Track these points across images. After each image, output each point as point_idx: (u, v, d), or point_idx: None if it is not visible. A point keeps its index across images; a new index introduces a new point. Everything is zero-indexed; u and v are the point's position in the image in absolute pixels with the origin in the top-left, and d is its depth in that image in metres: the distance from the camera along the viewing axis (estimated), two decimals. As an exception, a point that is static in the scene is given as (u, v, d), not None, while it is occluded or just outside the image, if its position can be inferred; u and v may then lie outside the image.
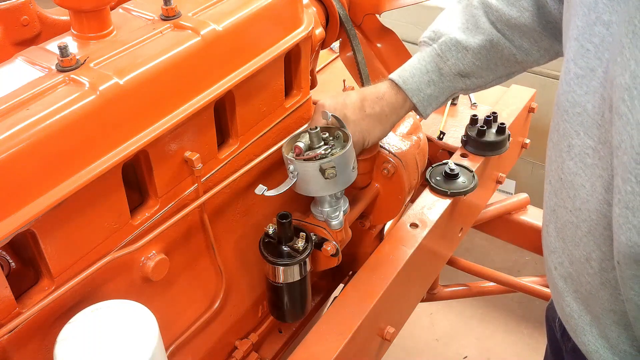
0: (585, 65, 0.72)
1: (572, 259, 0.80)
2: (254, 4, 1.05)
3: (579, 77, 0.73)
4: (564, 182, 0.78)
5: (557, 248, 0.84)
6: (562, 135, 0.77)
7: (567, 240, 0.80)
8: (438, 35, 1.10)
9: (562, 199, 0.79)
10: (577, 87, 0.73)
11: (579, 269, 0.80)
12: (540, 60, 1.11)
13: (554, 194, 0.82)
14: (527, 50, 1.09)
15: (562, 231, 0.81)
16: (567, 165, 0.77)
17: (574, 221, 0.78)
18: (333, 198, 1.12)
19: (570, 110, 0.75)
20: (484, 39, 1.08)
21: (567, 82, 0.75)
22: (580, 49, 0.72)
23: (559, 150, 0.79)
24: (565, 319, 0.88)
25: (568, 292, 0.84)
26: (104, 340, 0.79)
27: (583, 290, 0.81)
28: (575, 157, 0.75)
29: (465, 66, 1.09)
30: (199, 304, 1.15)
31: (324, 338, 1.09)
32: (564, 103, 0.76)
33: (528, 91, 1.86)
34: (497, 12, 1.06)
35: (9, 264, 0.88)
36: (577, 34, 0.73)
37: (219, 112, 1.07)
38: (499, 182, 1.74)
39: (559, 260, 0.84)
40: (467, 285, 2.00)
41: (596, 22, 0.70)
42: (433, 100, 1.12)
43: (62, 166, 0.80)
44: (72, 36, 0.95)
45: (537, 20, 1.04)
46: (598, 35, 0.70)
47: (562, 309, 0.87)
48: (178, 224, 1.01)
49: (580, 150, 0.74)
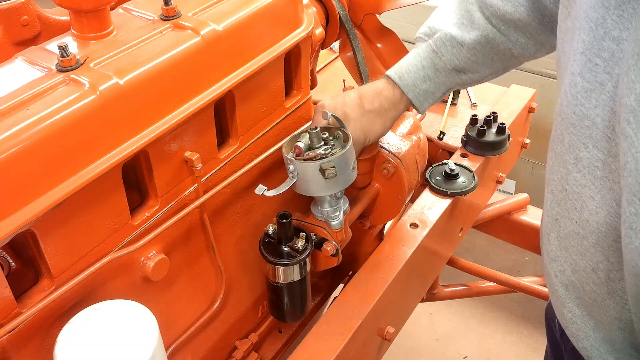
0: (593, 79, 0.71)
1: (576, 267, 0.80)
2: (254, 4, 1.05)
3: (587, 91, 0.72)
4: (569, 193, 0.78)
5: (558, 256, 0.83)
6: (568, 147, 0.76)
7: (571, 249, 0.80)
8: (433, 31, 1.11)
9: (567, 209, 0.79)
10: (586, 100, 0.72)
11: (582, 278, 0.80)
12: (536, 54, 1.11)
13: (557, 203, 0.81)
14: (523, 44, 1.09)
15: (566, 240, 0.81)
16: (573, 177, 0.76)
17: (580, 232, 0.77)
18: (333, 198, 1.12)
19: (577, 123, 0.74)
20: (479, 34, 1.08)
21: (573, 95, 0.74)
22: (588, 63, 0.72)
23: (563, 161, 0.78)
24: (565, 324, 0.88)
25: (570, 299, 0.84)
26: (104, 340, 0.79)
27: (587, 298, 0.81)
28: (584, 169, 0.74)
29: (461, 61, 1.09)
30: (199, 304, 1.15)
31: (324, 338, 1.09)
32: (571, 116, 0.75)
33: (528, 91, 1.85)
34: (492, 8, 1.06)
35: (9, 264, 0.88)
36: (583, 48, 0.72)
37: (219, 112, 1.07)
38: (499, 182, 1.74)
39: (561, 269, 0.83)
40: (467, 285, 2.00)
41: (605, 37, 0.69)
42: (429, 95, 1.12)
43: (62, 166, 0.80)
44: (72, 36, 0.95)
45: (532, 15, 1.03)
46: (607, 50, 0.69)
47: (563, 315, 0.87)
48: (178, 224, 1.01)
49: (589, 163, 0.74)
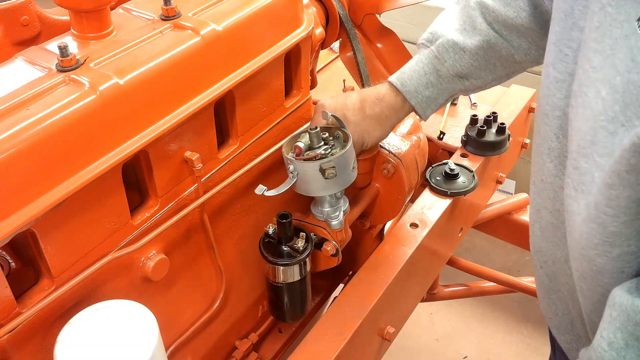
0: (564, 69, 0.73)
1: (554, 259, 0.82)
2: (254, 4, 1.05)
3: (558, 82, 0.74)
4: (545, 184, 0.80)
5: (542, 247, 0.85)
6: (543, 137, 0.79)
7: (549, 240, 0.82)
8: (435, 37, 1.11)
9: (544, 199, 0.81)
10: (557, 91, 0.74)
11: (559, 269, 0.81)
12: (539, 59, 1.11)
13: (538, 194, 0.83)
14: (526, 49, 1.09)
15: (546, 231, 0.83)
16: (547, 168, 0.78)
17: (554, 222, 0.79)
18: (333, 198, 1.12)
19: (550, 113, 0.76)
20: (481, 40, 1.07)
21: (547, 86, 0.76)
22: (559, 53, 0.74)
23: (540, 152, 0.80)
24: (549, 316, 0.89)
25: (553, 290, 0.85)
26: (104, 340, 0.79)
27: (563, 289, 0.82)
28: (555, 159, 0.76)
29: (463, 67, 1.09)
30: (199, 304, 1.15)
31: (324, 338, 1.09)
32: (545, 106, 0.77)
33: (528, 91, 1.85)
34: (494, 13, 1.06)
35: (9, 264, 0.88)
36: (555, 39, 0.74)
37: (219, 112, 1.07)
38: (499, 182, 1.74)
39: (544, 259, 0.85)
40: (467, 285, 2.00)
41: (573, 28, 0.71)
42: (432, 102, 1.12)
43: (62, 166, 0.80)
44: (72, 36, 0.95)
45: (534, 20, 1.04)
46: (575, 40, 0.71)
47: (548, 307, 0.89)
48: (178, 224, 1.01)
49: (559, 153, 0.75)
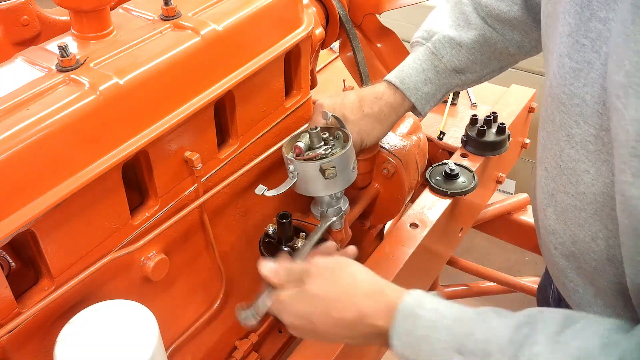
0: (581, 59, 0.74)
1: (575, 239, 0.83)
2: (254, 4, 1.05)
3: (575, 71, 0.75)
4: (564, 169, 0.81)
5: (557, 230, 0.86)
6: (560, 125, 0.80)
7: (569, 222, 0.83)
8: (431, 34, 1.12)
9: (562, 184, 0.82)
10: (575, 80, 0.76)
11: (582, 248, 0.83)
12: (532, 52, 1.13)
13: (552, 179, 0.85)
14: (519, 43, 1.11)
15: (564, 214, 0.84)
16: (566, 154, 0.80)
17: (577, 205, 0.81)
18: (333, 198, 1.12)
19: (567, 102, 0.77)
20: (477, 34, 1.10)
21: (562, 75, 0.77)
22: (576, 44, 0.75)
23: (555, 139, 0.82)
24: (567, 294, 0.91)
25: (571, 269, 0.87)
26: (104, 340, 0.79)
27: (587, 267, 0.84)
28: (577, 145, 0.78)
29: (460, 62, 1.11)
30: (199, 304, 1.15)
31: (324, 338, 1.09)
32: (560, 96, 0.78)
33: (528, 91, 1.86)
34: (487, 8, 1.08)
35: (9, 264, 0.88)
36: (570, 31, 0.75)
37: (219, 112, 1.07)
38: (499, 182, 1.74)
39: (560, 241, 0.86)
40: (467, 285, 2.00)
41: (591, 19, 0.72)
42: (430, 97, 1.13)
43: (62, 166, 0.80)
44: (72, 36, 0.95)
45: (526, 13, 1.05)
46: (594, 30, 0.72)
47: (565, 285, 0.90)
48: (178, 224, 1.01)
49: (581, 139, 0.77)
